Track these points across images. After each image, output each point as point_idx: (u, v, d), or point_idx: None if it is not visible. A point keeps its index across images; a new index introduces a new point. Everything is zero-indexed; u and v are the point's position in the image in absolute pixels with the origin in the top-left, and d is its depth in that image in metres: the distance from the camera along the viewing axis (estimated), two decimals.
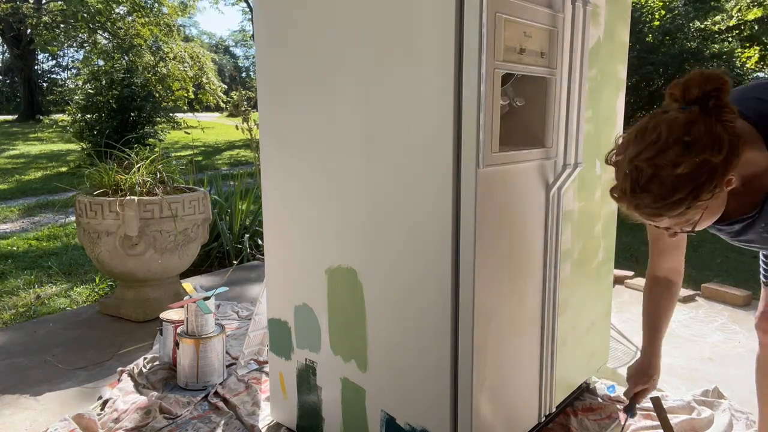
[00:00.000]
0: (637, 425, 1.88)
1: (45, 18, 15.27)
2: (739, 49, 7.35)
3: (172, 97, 14.25)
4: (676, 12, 7.21)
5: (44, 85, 24.94)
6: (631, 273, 3.53)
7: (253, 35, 1.82)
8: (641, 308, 1.71)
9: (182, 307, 2.24)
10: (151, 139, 10.53)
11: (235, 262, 3.98)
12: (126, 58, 14.18)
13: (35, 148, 13.60)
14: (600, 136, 1.86)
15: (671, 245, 1.49)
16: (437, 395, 1.46)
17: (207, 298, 2.18)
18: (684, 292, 3.21)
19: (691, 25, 7.08)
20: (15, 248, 4.80)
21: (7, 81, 32.03)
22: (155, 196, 2.84)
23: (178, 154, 11.93)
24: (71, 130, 10.39)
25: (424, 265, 1.43)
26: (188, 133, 12.01)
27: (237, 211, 4.34)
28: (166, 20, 16.74)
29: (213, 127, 19.11)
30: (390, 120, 1.43)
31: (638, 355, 2.50)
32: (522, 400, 1.66)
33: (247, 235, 4.20)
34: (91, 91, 10.13)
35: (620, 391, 2.08)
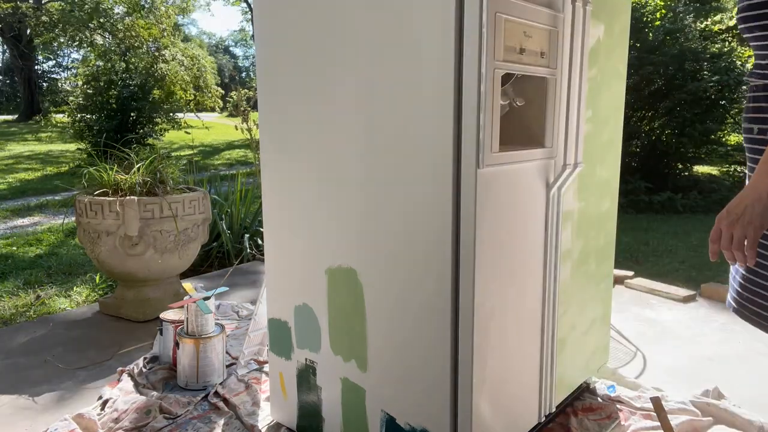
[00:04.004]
0: (637, 425, 1.88)
1: (45, 18, 15.26)
2: (740, 49, 7.35)
3: (171, 99, 14.24)
4: (677, 12, 7.21)
5: (44, 85, 24.94)
6: (631, 273, 3.53)
7: (253, 35, 1.82)
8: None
9: (182, 307, 2.24)
10: (150, 139, 10.53)
11: (235, 262, 3.98)
12: (125, 58, 14.18)
13: (35, 148, 13.60)
14: (600, 136, 1.86)
15: None
16: (437, 395, 1.46)
17: (207, 298, 2.18)
18: (684, 292, 3.21)
19: (692, 25, 7.08)
20: (15, 248, 4.81)
21: (7, 81, 32.04)
22: (155, 196, 2.84)
23: (177, 153, 11.94)
24: (71, 130, 10.39)
25: (424, 265, 1.43)
26: (188, 133, 12.03)
27: (237, 211, 4.34)
28: (165, 21, 16.73)
29: (213, 127, 19.12)
30: (390, 119, 1.43)
31: (638, 355, 2.51)
32: (522, 400, 1.66)
33: (247, 235, 4.20)
34: (90, 92, 10.13)
35: (620, 391, 2.08)
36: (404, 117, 1.40)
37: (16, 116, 23.19)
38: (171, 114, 11.87)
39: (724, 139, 7.46)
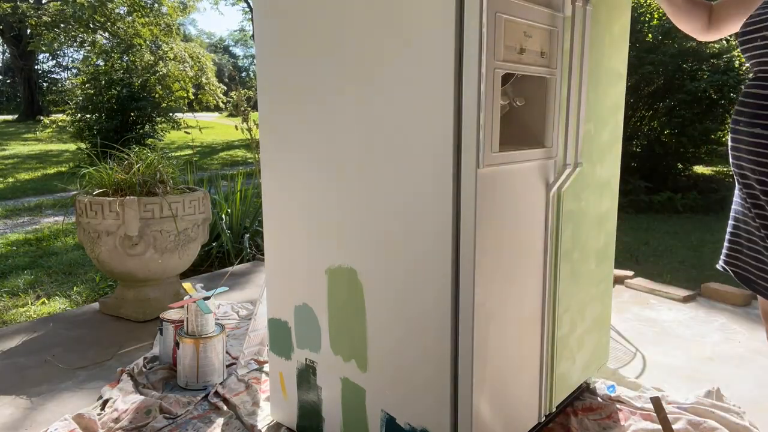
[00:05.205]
0: (637, 426, 1.88)
1: (45, 18, 15.25)
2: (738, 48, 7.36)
3: (172, 98, 14.23)
4: None
5: (44, 85, 24.94)
6: (631, 273, 3.53)
7: (253, 35, 1.82)
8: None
9: (182, 307, 2.24)
10: (150, 139, 10.52)
11: (235, 262, 3.98)
12: (125, 58, 14.16)
13: (35, 148, 13.60)
14: (600, 136, 1.86)
15: None
16: (437, 395, 1.46)
17: (207, 298, 2.18)
18: (684, 292, 3.22)
19: None
20: (14, 248, 4.81)
21: (8, 81, 32.04)
22: (155, 196, 2.84)
23: (177, 154, 11.94)
24: (71, 130, 10.39)
25: (425, 265, 1.43)
26: (188, 133, 12.03)
27: (237, 211, 4.34)
28: (166, 20, 16.71)
29: (213, 127, 19.12)
30: (390, 120, 1.43)
31: (638, 355, 2.51)
32: (522, 400, 1.67)
33: (247, 235, 4.20)
34: (90, 91, 10.13)
35: (620, 391, 2.09)
36: (404, 117, 1.40)
37: (16, 116, 23.19)
38: (171, 114, 11.85)
39: (723, 139, 7.45)
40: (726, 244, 1.55)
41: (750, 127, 1.37)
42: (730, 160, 1.46)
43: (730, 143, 1.46)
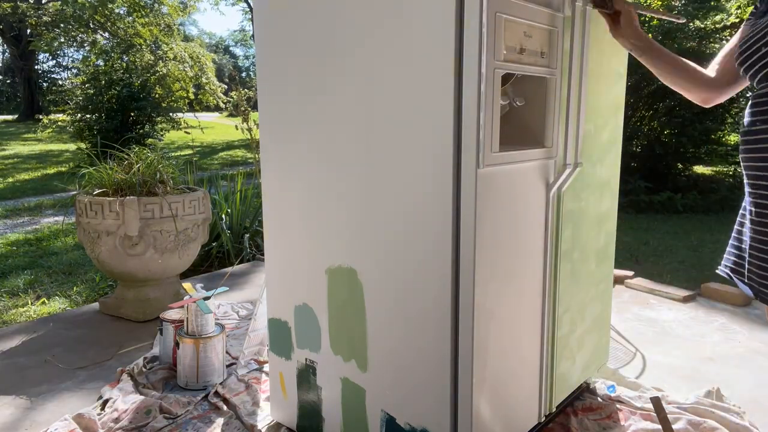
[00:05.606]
0: (637, 426, 1.88)
1: (45, 18, 15.26)
2: None
3: (172, 98, 14.22)
4: (675, 11, 7.22)
5: (44, 85, 24.94)
6: (631, 273, 3.53)
7: (253, 35, 1.83)
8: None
9: (182, 307, 2.24)
10: (150, 139, 10.52)
11: (235, 262, 3.98)
12: (125, 58, 14.16)
13: (35, 148, 13.60)
14: (600, 136, 1.86)
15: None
16: (437, 395, 1.46)
17: (207, 298, 2.18)
18: (684, 292, 3.22)
19: (690, 24, 7.08)
20: (14, 248, 4.81)
21: (8, 81, 32.03)
22: (155, 196, 2.84)
23: (177, 153, 11.93)
24: (71, 130, 10.39)
25: (424, 265, 1.43)
26: (188, 133, 12.03)
27: (237, 211, 4.34)
28: (166, 20, 16.71)
29: (213, 127, 19.12)
30: (390, 119, 1.43)
31: (638, 355, 2.51)
32: (522, 400, 1.67)
33: (247, 235, 4.20)
34: (90, 92, 10.12)
35: (620, 391, 2.09)
36: (404, 117, 1.40)
37: (16, 116, 23.20)
38: (171, 114, 11.85)
39: (723, 139, 7.46)
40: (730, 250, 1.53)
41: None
42: (743, 163, 1.42)
43: (741, 145, 1.40)
